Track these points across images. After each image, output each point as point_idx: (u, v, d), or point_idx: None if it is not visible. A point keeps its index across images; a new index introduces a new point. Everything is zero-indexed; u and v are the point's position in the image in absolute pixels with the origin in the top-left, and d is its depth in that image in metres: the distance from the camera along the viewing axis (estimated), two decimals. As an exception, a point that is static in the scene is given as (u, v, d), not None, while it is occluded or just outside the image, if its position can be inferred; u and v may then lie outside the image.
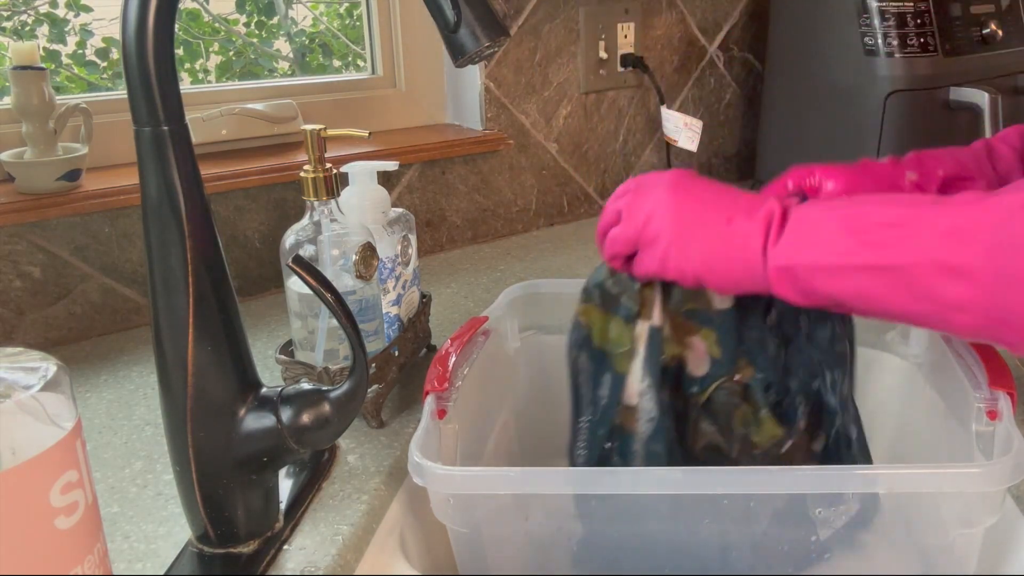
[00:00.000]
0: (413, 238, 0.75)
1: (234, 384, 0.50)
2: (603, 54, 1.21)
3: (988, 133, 1.08)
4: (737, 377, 0.58)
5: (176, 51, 0.48)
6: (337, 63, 1.52)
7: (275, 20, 1.52)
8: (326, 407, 0.50)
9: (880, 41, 1.10)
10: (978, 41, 1.16)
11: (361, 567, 0.55)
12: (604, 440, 0.60)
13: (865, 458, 0.61)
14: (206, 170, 0.86)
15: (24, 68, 0.82)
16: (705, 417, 0.59)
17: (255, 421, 0.50)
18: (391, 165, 0.73)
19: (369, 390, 0.66)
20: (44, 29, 1.29)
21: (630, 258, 0.59)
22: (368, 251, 0.65)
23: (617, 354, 0.60)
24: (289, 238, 0.64)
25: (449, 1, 0.51)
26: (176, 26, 0.46)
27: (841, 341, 0.60)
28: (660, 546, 0.57)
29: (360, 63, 1.22)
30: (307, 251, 0.64)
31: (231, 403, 0.50)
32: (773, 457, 0.58)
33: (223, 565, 0.51)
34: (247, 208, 0.95)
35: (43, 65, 0.83)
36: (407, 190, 1.08)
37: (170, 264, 0.47)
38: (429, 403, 0.59)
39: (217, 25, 1.49)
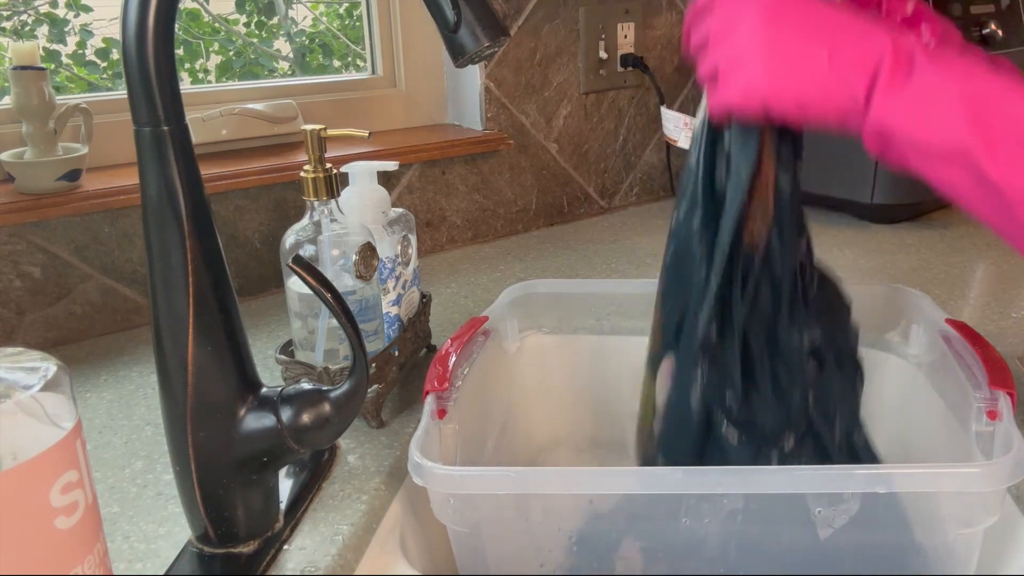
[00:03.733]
0: (413, 238, 0.75)
1: (234, 384, 0.50)
2: (603, 54, 1.21)
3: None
4: None
5: (176, 51, 0.48)
6: (337, 63, 1.52)
7: (275, 20, 1.52)
8: (326, 407, 0.50)
9: (880, 41, 1.10)
10: (978, 41, 1.15)
11: (361, 567, 0.55)
12: None
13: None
14: (206, 170, 0.86)
15: (24, 68, 0.82)
16: None
17: (255, 421, 0.50)
18: (391, 165, 0.73)
19: (369, 390, 0.66)
20: (44, 29, 1.29)
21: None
22: (368, 251, 0.65)
23: None
24: (289, 238, 0.64)
25: (449, 1, 0.51)
26: (176, 26, 0.46)
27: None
28: (659, 546, 0.57)
29: (360, 63, 1.22)
30: (307, 251, 0.64)
31: (231, 403, 0.50)
32: None
33: (223, 565, 0.51)
34: (247, 208, 0.95)
35: (43, 65, 0.83)
36: (407, 190, 1.08)
37: (170, 264, 0.47)
38: (429, 403, 0.59)
39: (217, 25, 1.49)
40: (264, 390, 0.51)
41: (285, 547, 0.53)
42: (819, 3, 0.49)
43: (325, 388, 0.51)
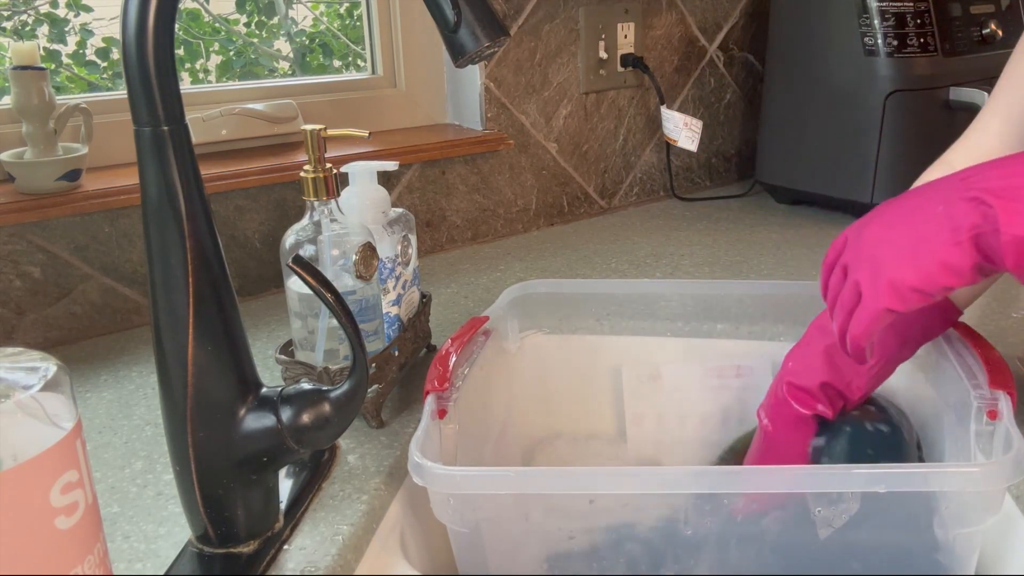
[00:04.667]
0: (413, 238, 0.75)
1: (234, 384, 0.50)
2: (603, 54, 1.21)
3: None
4: None
5: (176, 51, 0.48)
6: (337, 63, 1.52)
7: (275, 20, 1.52)
8: (326, 407, 0.50)
9: (880, 41, 1.10)
10: (978, 41, 1.16)
11: (361, 567, 0.55)
12: None
13: None
14: (206, 170, 0.86)
15: (24, 68, 0.82)
16: None
17: (255, 421, 0.50)
18: (391, 165, 0.73)
19: (369, 390, 0.66)
20: (44, 29, 1.29)
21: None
22: (368, 251, 0.65)
23: None
24: (289, 238, 0.64)
25: (449, 1, 0.51)
26: (176, 26, 0.46)
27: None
28: (659, 545, 0.57)
29: (360, 63, 1.22)
30: (307, 251, 0.64)
31: (231, 403, 0.50)
32: None
33: (223, 565, 0.51)
34: (247, 208, 0.95)
35: (43, 65, 0.83)
36: (407, 190, 1.08)
37: (170, 264, 0.47)
38: (429, 403, 0.59)
39: (217, 25, 1.49)
40: (264, 390, 0.51)
41: (285, 547, 0.53)
42: (913, 192, 0.51)
43: (325, 388, 0.51)
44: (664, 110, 1.25)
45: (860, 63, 1.12)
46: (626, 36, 1.23)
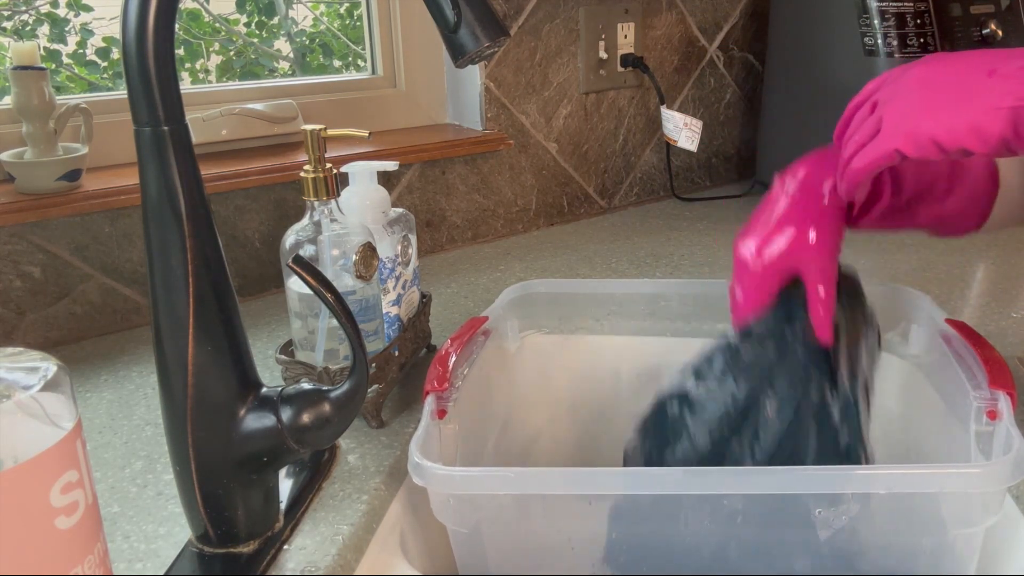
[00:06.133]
0: (413, 238, 0.75)
1: (234, 384, 0.50)
2: (603, 54, 1.21)
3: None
4: None
5: (176, 51, 0.48)
6: (337, 63, 1.52)
7: (275, 20, 1.52)
8: (326, 407, 0.50)
9: (880, 41, 1.10)
10: (978, 41, 1.15)
11: (361, 567, 0.55)
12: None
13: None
14: (206, 170, 0.86)
15: (24, 68, 0.82)
16: None
17: (255, 421, 0.50)
18: (391, 165, 0.73)
19: (369, 390, 0.66)
20: (45, 29, 1.29)
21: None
22: (368, 251, 0.65)
23: None
24: (289, 238, 0.64)
25: (449, 1, 0.51)
26: (176, 26, 0.46)
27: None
28: (659, 546, 0.57)
29: (360, 63, 1.22)
30: (307, 251, 0.64)
31: (231, 403, 0.50)
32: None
33: (223, 565, 0.51)
34: (247, 208, 0.95)
35: (43, 65, 0.83)
36: (407, 190, 1.08)
37: (170, 264, 0.47)
38: (429, 403, 0.59)
39: (217, 25, 1.49)
40: (264, 390, 0.51)
41: (285, 547, 0.53)
42: (967, 52, 0.50)
43: (325, 388, 0.51)
44: (664, 110, 1.25)
45: (860, 63, 1.12)
46: (626, 36, 1.23)
